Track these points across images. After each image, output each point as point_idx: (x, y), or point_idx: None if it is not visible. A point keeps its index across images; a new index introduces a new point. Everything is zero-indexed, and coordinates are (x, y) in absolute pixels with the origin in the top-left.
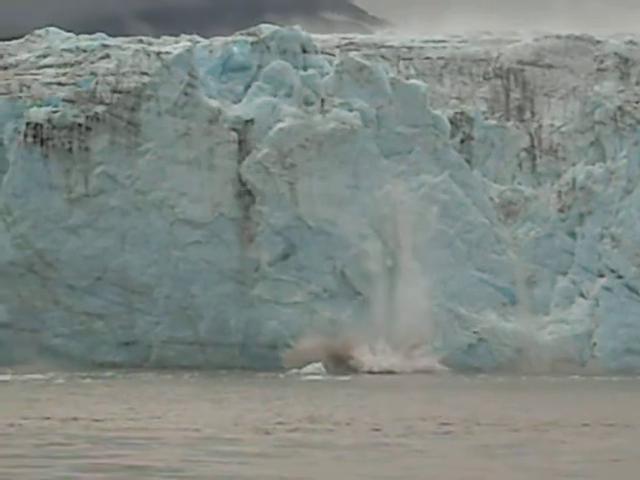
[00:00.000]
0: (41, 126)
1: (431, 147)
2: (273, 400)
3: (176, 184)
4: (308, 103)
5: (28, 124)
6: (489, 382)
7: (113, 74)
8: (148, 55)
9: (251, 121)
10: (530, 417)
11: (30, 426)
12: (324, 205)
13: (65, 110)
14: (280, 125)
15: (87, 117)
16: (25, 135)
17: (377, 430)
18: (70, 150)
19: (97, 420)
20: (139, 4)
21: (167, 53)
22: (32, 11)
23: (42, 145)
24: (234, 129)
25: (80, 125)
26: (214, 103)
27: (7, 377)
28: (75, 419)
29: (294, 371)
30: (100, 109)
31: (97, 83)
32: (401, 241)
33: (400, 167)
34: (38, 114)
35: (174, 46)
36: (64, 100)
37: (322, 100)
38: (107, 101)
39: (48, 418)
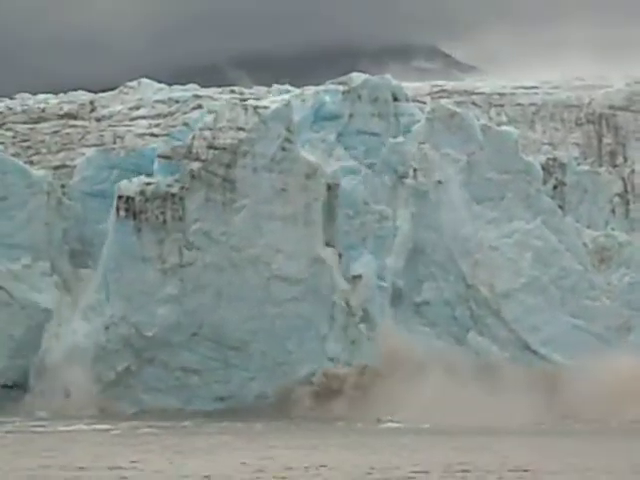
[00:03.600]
0: (133, 199)
1: (523, 193)
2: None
3: (272, 240)
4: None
5: (120, 197)
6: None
7: (210, 129)
8: (245, 109)
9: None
10: None
11: None
12: None
13: (158, 181)
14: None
15: (182, 187)
16: (117, 209)
17: None
18: (164, 222)
19: None
20: (234, 52)
21: (265, 107)
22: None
23: (135, 219)
24: (330, 186)
25: (173, 195)
26: (311, 158)
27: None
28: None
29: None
30: (196, 166)
31: (194, 138)
32: (495, 287)
33: (492, 214)
34: (130, 187)
35: (271, 99)
36: (160, 156)
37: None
38: (203, 157)
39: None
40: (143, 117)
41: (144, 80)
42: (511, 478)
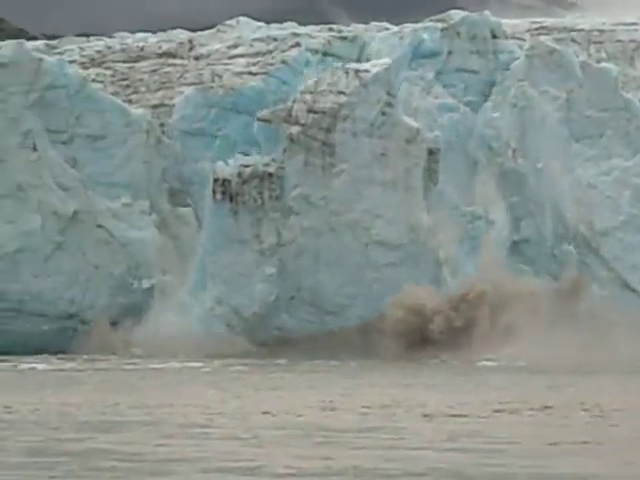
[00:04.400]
0: (229, 182)
1: (623, 131)
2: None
3: (371, 205)
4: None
5: (216, 180)
6: None
7: (311, 92)
8: (347, 73)
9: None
10: None
11: None
12: None
13: (255, 162)
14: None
15: (279, 167)
16: (214, 192)
17: None
18: (262, 203)
19: None
20: None
21: (366, 71)
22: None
23: (231, 201)
24: (431, 150)
25: (271, 175)
26: (412, 122)
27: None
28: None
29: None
30: (295, 130)
31: (294, 102)
32: (594, 225)
33: (591, 151)
34: (225, 170)
35: (373, 63)
36: (259, 119)
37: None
38: (302, 121)
39: None
40: (241, 55)
41: (242, 18)
42: (582, 416)
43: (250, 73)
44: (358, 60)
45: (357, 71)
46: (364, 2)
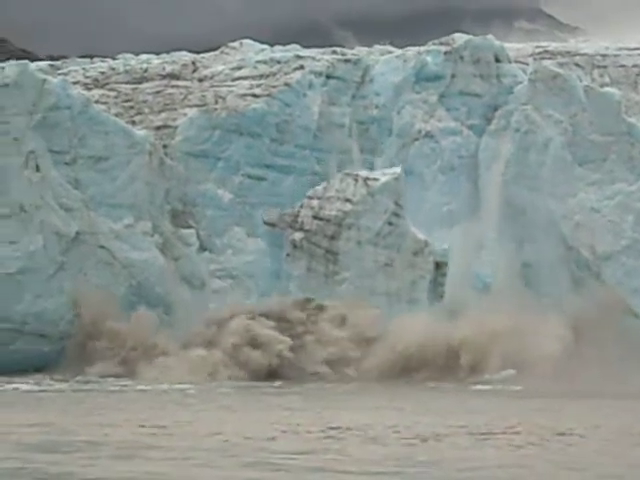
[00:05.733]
0: None
1: (626, 155)
2: None
3: None
4: None
5: None
6: None
7: (319, 198)
8: (355, 180)
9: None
10: None
11: None
12: None
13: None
14: None
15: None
16: None
17: None
18: None
19: None
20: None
21: (375, 180)
22: (227, 23)
23: None
24: (438, 264)
25: None
26: (420, 235)
27: None
28: None
29: None
30: (299, 236)
31: (302, 207)
32: (596, 249)
33: (594, 175)
34: None
35: (383, 171)
36: (266, 223)
37: None
38: (307, 227)
39: None
40: (245, 78)
41: (246, 40)
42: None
43: (253, 95)
44: (361, 82)
45: (366, 179)
46: (371, 24)
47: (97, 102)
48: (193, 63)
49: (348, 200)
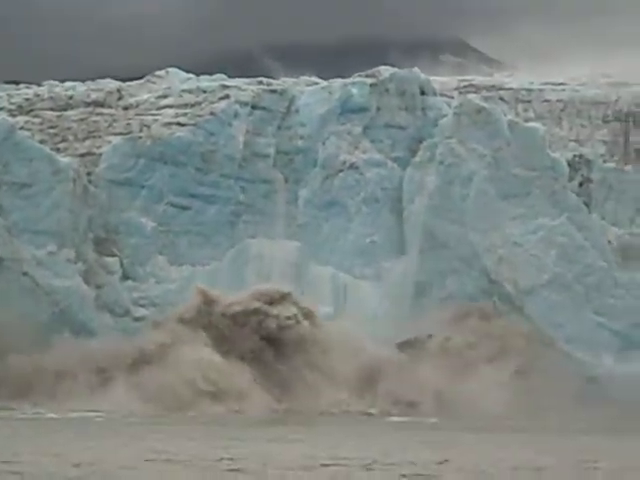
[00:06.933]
0: None
1: (549, 190)
2: None
3: None
4: None
5: None
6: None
7: None
8: None
9: None
10: None
11: None
12: None
13: None
14: None
15: None
16: None
17: None
18: None
19: None
20: (265, 40)
21: None
22: (155, 51)
23: None
24: None
25: None
26: None
27: None
28: None
29: None
30: None
31: None
32: (519, 283)
33: (518, 210)
34: None
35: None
36: None
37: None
38: None
39: None
40: (170, 106)
41: (172, 69)
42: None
43: (178, 124)
44: (287, 113)
45: None
46: (299, 55)
47: (22, 128)
48: (118, 91)
49: None
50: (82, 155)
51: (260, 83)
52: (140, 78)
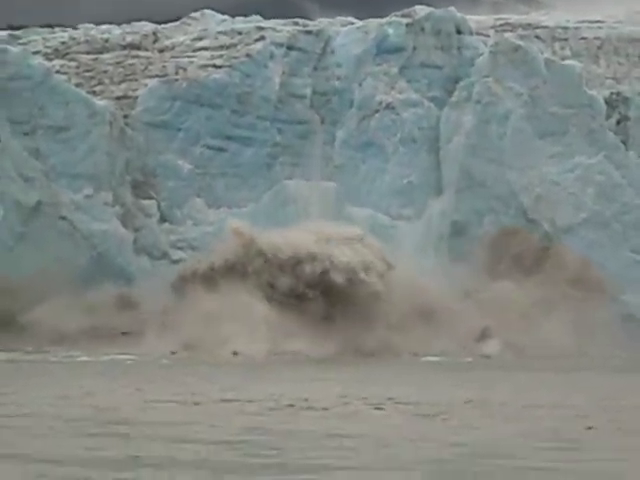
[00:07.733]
0: None
1: (586, 128)
2: None
3: None
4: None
5: None
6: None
7: None
8: None
9: None
10: None
11: None
12: None
13: None
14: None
15: None
16: None
17: None
18: None
19: None
20: None
21: None
22: None
23: None
24: None
25: None
26: None
27: None
28: None
29: None
30: None
31: None
32: (557, 222)
33: (555, 148)
34: None
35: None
36: None
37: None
38: None
39: None
40: (205, 48)
41: (207, 11)
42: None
43: (214, 66)
44: (323, 54)
45: None
46: None
47: (58, 72)
48: (154, 33)
49: None
50: (118, 98)
51: (296, 24)
52: (175, 20)
